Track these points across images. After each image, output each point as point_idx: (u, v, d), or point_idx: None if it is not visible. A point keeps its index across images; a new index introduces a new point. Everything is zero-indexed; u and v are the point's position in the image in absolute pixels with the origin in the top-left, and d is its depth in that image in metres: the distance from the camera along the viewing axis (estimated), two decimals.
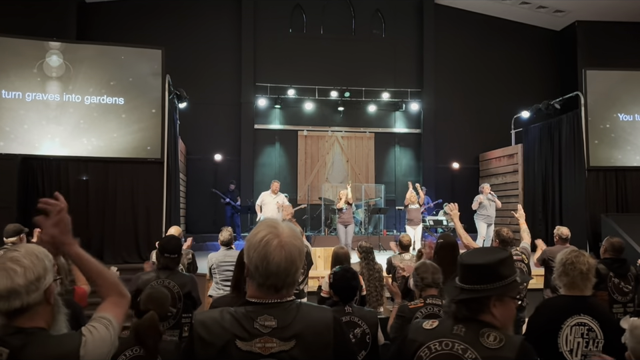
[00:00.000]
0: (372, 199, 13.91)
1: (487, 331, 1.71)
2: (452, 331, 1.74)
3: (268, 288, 1.50)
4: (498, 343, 1.68)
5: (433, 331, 1.78)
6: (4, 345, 1.48)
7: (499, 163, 13.66)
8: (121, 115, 8.87)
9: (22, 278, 1.52)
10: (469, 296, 1.73)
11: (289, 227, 1.56)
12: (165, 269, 3.65)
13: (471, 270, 1.77)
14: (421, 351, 1.75)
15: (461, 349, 1.70)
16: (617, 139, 10.35)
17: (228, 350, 1.45)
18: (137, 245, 8.72)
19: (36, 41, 8.69)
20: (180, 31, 13.33)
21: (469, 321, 1.74)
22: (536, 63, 14.97)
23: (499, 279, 1.74)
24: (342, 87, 13.97)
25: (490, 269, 1.75)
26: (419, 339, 1.78)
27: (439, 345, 1.73)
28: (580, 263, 2.71)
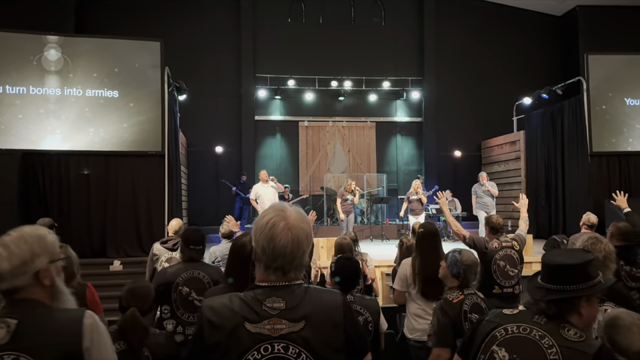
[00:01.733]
0: (374, 188, 13.89)
1: (568, 326, 1.71)
2: (532, 318, 1.76)
3: (275, 270, 1.50)
4: (579, 337, 1.68)
5: (513, 316, 1.81)
6: (11, 316, 1.54)
7: (501, 150, 13.61)
8: (120, 108, 8.83)
9: (6, 263, 1.57)
10: (561, 296, 1.73)
11: (296, 210, 1.55)
12: (191, 260, 3.63)
13: (559, 270, 1.76)
14: (496, 331, 1.78)
15: (538, 335, 1.71)
16: (620, 123, 10.28)
17: (237, 333, 1.44)
18: (139, 238, 8.72)
19: (34, 35, 8.64)
20: (178, 23, 13.25)
21: (555, 317, 1.74)
22: (537, 48, 14.86)
23: (588, 279, 1.74)
24: (342, 76, 13.90)
25: (580, 269, 1.75)
26: (497, 320, 1.81)
27: (517, 328, 1.75)
28: (597, 251, 2.67)
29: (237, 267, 2.64)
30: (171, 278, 3.50)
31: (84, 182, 8.61)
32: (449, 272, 3.07)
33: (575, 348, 1.65)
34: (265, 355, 1.43)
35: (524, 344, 1.71)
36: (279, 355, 1.44)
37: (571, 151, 10.84)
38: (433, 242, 3.84)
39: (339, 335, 1.50)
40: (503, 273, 4.50)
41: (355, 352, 1.55)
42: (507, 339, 1.74)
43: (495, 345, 1.75)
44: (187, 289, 3.44)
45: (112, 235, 8.63)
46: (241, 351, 1.43)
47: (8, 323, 1.52)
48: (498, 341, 1.75)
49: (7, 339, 1.51)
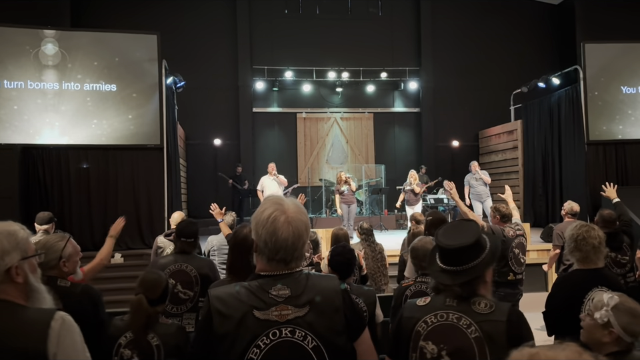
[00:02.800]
0: (372, 179, 13.93)
1: (477, 299, 1.80)
2: (444, 302, 1.82)
3: (277, 262, 1.57)
4: (489, 308, 1.78)
5: (427, 306, 1.86)
6: None
7: (499, 139, 13.65)
8: (118, 101, 8.84)
9: None
10: (472, 276, 1.80)
11: (293, 202, 1.62)
12: (182, 252, 3.67)
13: (461, 251, 1.82)
14: (418, 326, 1.82)
15: (455, 318, 1.78)
16: (617, 112, 10.31)
17: (246, 321, 1.50)
18: (140, 231, 8.76)
19: (31, 30, 8.63)
20: (175, 16, 13.21)
21: (469, 298, 1.81)
22: (534, 37, 14.85)
23: (483, 249, 1.83)
24: (339, 67, 13.90)
25: (477, 244, 1.83)
26: (415, 315, 1.85)
27: (435, 318, 1.81)
28: (591, 237, 2.77)
29: (240, 257, 2.70)
30: (160, 269, 3.54)
31: (84, 175, 8.64)
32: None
33: (490, 319, 1.75)
34: (274, 340, 1.50)
35: (446, 331, 1.77)
36: (287, 339, 1.50)
37: (568, 139, 10.88)
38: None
39: (339, 319, 1.57)
40: (517, 260, 4.59)
41: (353, 331, 1.62)
42: (430, 331, 1.79)
43: (420, 340, 1.80)
44: (172, 281, 3.47)
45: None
46: (250, 338, 1.49)
47: None
48: (422, 335, 1.80)
49: None
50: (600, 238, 2.79)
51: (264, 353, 1.48)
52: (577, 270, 2.85)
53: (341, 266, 3.11)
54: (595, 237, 2.78)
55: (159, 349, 2.44)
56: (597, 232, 2.81)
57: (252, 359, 1.48)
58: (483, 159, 14.24)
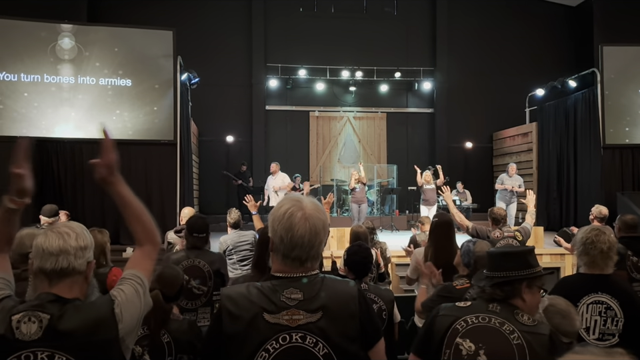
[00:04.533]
0: (384, 179, 13.87)
1: (520, 312, 1.82)
2: (487, 308, 1.84)
3: (293, 260, 1.53)
4: (532, 322, 1.81)
5: (468, 308, 1.86)
6: (44, 311, 1.52)
7: (513, 141, 13.53)
8: (133, 96, 8.89)
9: (74, 241, 1.62)
10: (503, 280, 1.85)
11: (312, 201, 1.58)
12: (194, 248, 3.67)
13: (502, 258, 1.89)
14: (457, 324, 1.81)
15: (498, 322, 1.78)
16: (634, 116, 10.17)
17: (256, 323, 1.47)
18: None
19: (48, 24, 8.70)
20: (190, 12, 13.24)
21: (502, 302, 1.84)
22: (551, 39, 14.68)
23: (528, 266, 1.87)
24: (353, 66, 13.85)
25: (519, 256, 1.88)
26: (454, 313, 1.85)
27: (476, 319, 1.80)
28: (600, 242, 2.67)
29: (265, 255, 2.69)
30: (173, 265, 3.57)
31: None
32: (462, 260, 3.10)
33: (533, 331, 1.76)
34: (284, 345, 1.46)
35: (487, 333, 1.76)
36: (297, 345, 1.47)
37: (584, 143, 10.75)
38: (446, 232, 3.86)
39: (354, 325, 1.52)
40: None
41: (368, 340, 1.57)
42: (469, 330, 1.78)
43: (458, 337, 1.78)
44: (186, 276, 3.48)
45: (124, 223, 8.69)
46: (259, 341, 1.46)
47: (40, 318, 1.50)
48: (460, 333, 1.78)
49: (40, 334, 1.49)
50: (610, 243, 2.68)
51: (273, 358, 1.45)
52: (580, 273, 2.78)
53: (357, 265, 3.08)
54: (604, 241, 2.68)
55: (170, 345, 2.42)
56: (607, 237, 2.71)
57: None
58: (496, 160, 14.13)
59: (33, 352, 1.47)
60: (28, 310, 1.52)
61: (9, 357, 1.47)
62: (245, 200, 5.06)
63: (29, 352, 1.47)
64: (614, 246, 2.72)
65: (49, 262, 1.58)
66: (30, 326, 1.49)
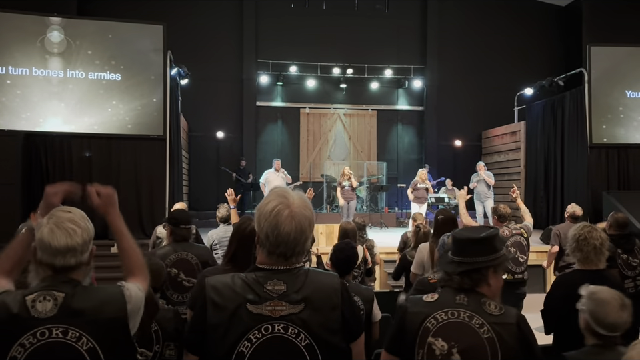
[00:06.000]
0: (374, 176, 13.93)
1: (487, 300, 1.81)
2: (455, 301, 1.82)
3: (278, 256, 1.55)
4: (499, 310, 1.80)
5: (436, 303, 1.84)
6: (59, 290, 1.60)
7: (502, 140, 13.63)
8: (122, 91, 8.85)
9: (80, 238, 1.65)
10: (472, 267, 1.83)
11: (299, 196, 1.59)
12: (182, 240, 3.69)
13: (469, 244, 1.87)
14: (427, 322, 1.80)
15: (467, 316, 1.78)
16: (621, 115, 10.30)
17: (239, 313, 1.49)
18: (140, 220, 8.79)
19: (37, 17, 8.63)
20: (181, 7, 13.18)
21: (469, 291, 1.83)
22: (540, 39, 14.80)
23: (494, 251, 1.86)
24: (344, 63, 13.88)
25: (487, 242, 1.86)
26: (423, 310, 1.83)
27: (445, 315, 1.79)
28: (593, 238, 2.77)
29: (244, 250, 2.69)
30: (161, 259, 3.58)
31: (86, 164, 8.66)
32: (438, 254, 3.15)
33: (501, 321, 1.77)
34: (266, 335, 1.48)
35: (457, 329, 1.76)
36: (279, 335, 1.49)
37: (571, 142, 10.86)
38: (452, 228, 3.88)
39: (336, 317, 1.54)
40: (514, 260, 4.61)
41: (350, 333, 1.60)
42: (440, 328, 1.77)
43: (429, 336, 1.77)
44: (175, 270, 3.50)
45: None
46: (242, 331, 1.48)
47: (55, 296, 1.58)
48: (432, 332, 1.77)
49: (55, 312, 1.56)
50: (602, 239, 2.78)
51: (255, 347, 1.47)
52: (577, 270, 2.86)
53: (340, 263, 3.10)
54: (596, 237, 2.77)
55: (157, 334, 2.46)
56: (599, 233, 2.80)
57: (242, 352, 1.47)
58: (485, 159, 14.21)
59: (48, 328, 1.54)
60: (42, 290, 1.59)
61: (25, 334, 1.53)
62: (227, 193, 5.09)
63: (44, 328, 1.54)
64: (605, 242, 2.82)
65: (57, 259, 1.62)
66: (45, 304, 1.56)
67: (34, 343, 1.53)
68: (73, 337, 1.55)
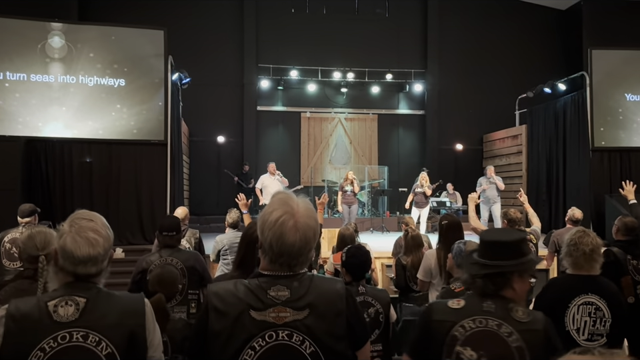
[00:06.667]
0: (375, 180, 13.91)
1: (514, 306, 1.78)
2: (482, 308, 1.78)
3: (280, 265, 1.52)
4: (527, 316, 1.76)
5: (463, 310, 1.80)
6: (81, 295, 1.62)
7: (503, 144, 13.61)
8: (123, 96, 8.83)
9: (102, 248, 1.67)
10: (496, 270, 1.79)
11: (304, 204, 1.55)
12: (166, 247, 3.69)
13: (495, 246, 1.84)
14: (454, 330, 1.76)
15: (495, 325, 1.74)
16: (623, 119, 10.27)
17: (242, 320, 1.46)
18: (141, 226, 8.75)
19: (37, 22, 8.62)
20: (182, 12, 13.20)
21: (494, 297, 1.79)
22: (541, 42, 14.80)
23: (521, 255, 1.82)
24: (345, 67, 13.88)
25: (514, 246, 1.83)
26: (450, 318, 1.79)
27: (473, 323, 1.76)
28: (583, 244, 2.72)
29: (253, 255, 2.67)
30: (146, 265, 3.61)
31: (87, 170, 8.63)
32: (454, 262, 3.11)
33: (529, 328, 1.74)
34: (270, 342, 1.46)
35: (486, 338, 1.73)
36: (283, 342, 1.46)
37: (573, 145, 10.84)
38: (457, 233, 3.85)
39: (341, 323, 1.51)
40: None
41: (355, 340, 1.57)
42: (469, 337, 1.74)
43: (457, 345, 1.74)
44: None
45: (114, 223, 8.58)
46: (245, 338, 1.45)
47: (77, 301, 1.60)
48: (460, 341, 1.74)
49: (77, 316, 1.58)
50: (593, 245, 2.73)
51: (259, 355, 1.45)
52: (568, 274, 2.83)
53: (355, 267, 3.08)
54: (587, 243, 2.73)
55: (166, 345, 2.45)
56: (591, 239, 2.75)
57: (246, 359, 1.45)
58: (486, 163, 14.19)
59: (69, 332, 1.56)
60: (64, 295, 1.61)
61: (46, 337, 1.55)
62: (237, 198, 5.05)
63: (65, 332, 1.56)
64: (597, 248, 2.76)
65: (78, 267, 1.65)
66: (67, 309, 1.58)
67: (54, 347, 1.54)
68: (92, 341, 1.57)
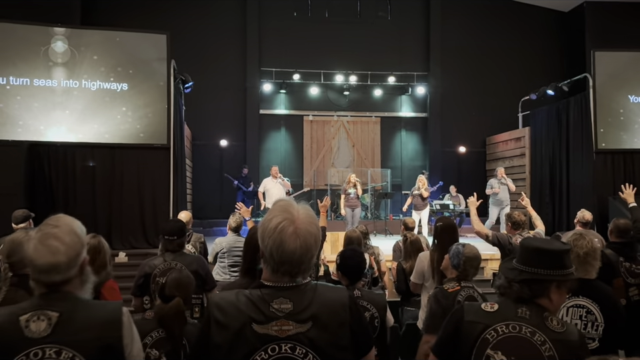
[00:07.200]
0: (378, 183, 13.89)
1: (549, 315, 1.76)
2: (517, 313, 1.76)
3: (282, 274, 1.50)
4: (561, 327, 1.74)
5: (497, 313, 1.78)
6: (53, 309, 1.56)
7: (506, 146, 13.58)
8: (126, 100, 8.86)
9: (64, 256, 1.60)
10: (533, 277, 1.77)
11: (304, 210, 1.53)
12: (168, 251, 3.69)
13: (537, 254, 1.80)
14: (486, 333, 1.74)
15: (529, 332, 1.72)
16: (626, 121, 10.24)
17: (244, 333, 1.45)
18: (144, 230, 8.76)
19: (41, 27, 8.65)
20: (184, 16, 13.24)
21: (530, 303, 1.77)
22: (544, 44, 14.79)
23: (562, 267, 1.79)
24: (347, 70, 13.88)
25: (557, 256, 1.80)
26: (482, 320, 1.77)
27: (506, 328, 1.74)
28: (577, 247, 2.70)
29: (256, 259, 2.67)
30: (149, 270, 3.60)
31: (89, 174, 8.65)
32: (450, 263, 3.12)
33: (563, 339, 1.71)
34: (272, 355, 1.44)
35: (518, 344, 1.71)
36: (286, 355, 1.44)
37: (576, 147, 10.81)
38: (452, 235, 3.84)
39: (344, 334, 1.50)
40: None
41: (360, 348, 1.56)
42: (500, 341, 1.72)
43: (489, 348, 1.73)
44: (163, 280, 3.48)
45: (117, 227, 8.68)
46: (247, 351, 1.44)
47: (49, 316, 1.55)
48: (491, 344, 1.73)
49: (49, 332, 1.53)
50: (587, 249, 2.69)
51: None
52: None
53: (350, 270, 3.06)
54: (581, 246, 2.69)
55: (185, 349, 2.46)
56: (586, 242, 2.72)
57: None
58: (489, 165, 14.18)
59: (41, 349, 1.51)
60: (37, 309, 1.56)
61: (18, 354, 1.50)
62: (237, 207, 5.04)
63: (37, 349, 1.51)
64: (593, 252, 2.72)
65: (42, 276, 1.59)
66: (39, 324, 1.53)
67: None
68: (66, 357, 1.53)
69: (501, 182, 10.16)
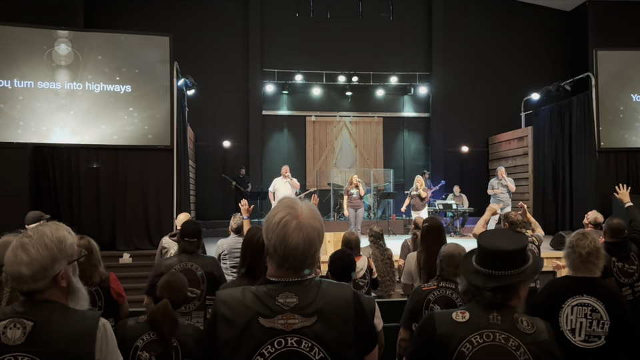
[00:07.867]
0: (381, 183, 13.91)
1: (518, 316, 1.74)
2: (489, 320, 1.74)
3: (287, 269, 1.52)
4: (531, 327, 1.73)
5: (469, 323, 1.75)
6: (29, 318, 1.57)
7: (509, 145, 13.58)
8: (129, 102, 8.90)
9: (27, 268, 1.58)
10: (505, 283, 1.74)
11: (308, 206, 1.55)
12: (184, 252, 3.70)
13: (501, 256, 1.77)
14: (462, 346, 1.72)
15: (502, 338, 1.71)
16: (629, 119, 10.24)
17: (250, 327, 1.46)
18: (148, 231, 8.80)
19: (44, 30, 8.71)
20: (187, 18, 13.29)
21: (501, 307, 1.75)
22: (546, 44, 14.78)
23: (525, 261, 1.78)
24: (350, 71, 13.90)
25: (519, 254, 1.77)
26: (457, 332, 1.75)
27: (480, 338, 1.72)
28: (579, 247, 2.73)
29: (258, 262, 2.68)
30: (165, 270, 3.58)
31: (93, 175, 8.70)
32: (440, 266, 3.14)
33: (535, 341, 1.70)
34: (279, 349, 1.45)
35: (494, 353, 1.69)
36: (293, 349, 1.46)
37: (579, 146, 10.80)
38: (437, 236, 3.83)
39: (348, 331, 1.51)
40: None
41: (365, 345, 1.57)
42: (477, 352, 1.70)
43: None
44: None
45: (121, 228, 8.72)
46: (254, 345, 1.45)
47: (24, 324, 1.55)
48: (468, 356, 1.70)
49: (22, 340, 1.54)
50: (590, 248, 2.72)
51: None
52: (567, 276, 2.84)
53: (338, 271, 3.07)
54: (583, 246, 2.72)
55: (177, 350, 2.47)
56: (588, 242, 2.74)
57: None
58: (492, 165, 14.17)
59: (14, 356, 1.53)
60: (14, 317, 1.56)
61: None
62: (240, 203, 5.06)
63: (10, 356, 1.53)
64: (595, 251, 2.75)
65: (14, 283, 1.61)
66: (14, 332, 1.54)
67: None
68: None
69: (501, 183, 10.17)
